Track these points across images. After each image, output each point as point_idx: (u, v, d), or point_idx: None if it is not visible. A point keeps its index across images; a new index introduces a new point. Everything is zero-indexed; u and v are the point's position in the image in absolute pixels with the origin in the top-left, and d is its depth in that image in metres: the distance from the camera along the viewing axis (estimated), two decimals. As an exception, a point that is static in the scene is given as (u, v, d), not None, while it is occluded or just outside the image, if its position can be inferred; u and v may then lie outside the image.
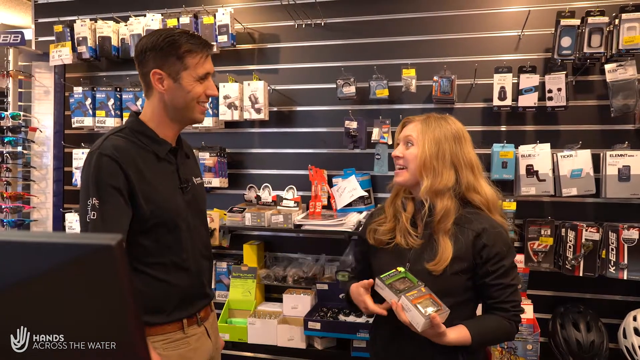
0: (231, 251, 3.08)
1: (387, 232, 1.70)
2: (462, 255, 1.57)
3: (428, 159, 1.60)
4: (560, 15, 2.44)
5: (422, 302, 1.47)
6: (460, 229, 1.59)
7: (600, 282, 2.55)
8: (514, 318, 1.59)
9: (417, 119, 1.69)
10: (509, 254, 1.59)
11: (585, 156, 2.48)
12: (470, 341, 1.53)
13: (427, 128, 1.64)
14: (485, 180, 1.68)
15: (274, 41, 3.04)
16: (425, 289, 1.52)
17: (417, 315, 1.45)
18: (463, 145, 1.64)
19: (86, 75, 3.29)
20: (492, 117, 2.71)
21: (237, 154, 3.09)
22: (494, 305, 1.60)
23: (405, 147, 1.67)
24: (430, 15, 2.80)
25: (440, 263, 1.55)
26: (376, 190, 2.89)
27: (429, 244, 1.61)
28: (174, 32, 1.64)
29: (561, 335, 2.46)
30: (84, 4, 3.31)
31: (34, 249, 0.62)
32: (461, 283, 1.59)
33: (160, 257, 1.64)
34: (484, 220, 1.60)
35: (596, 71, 2.58)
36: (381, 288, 1.55)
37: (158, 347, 1.62)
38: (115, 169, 1.54)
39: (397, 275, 1.57)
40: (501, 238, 1.59)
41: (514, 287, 1.60)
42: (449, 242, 1.57)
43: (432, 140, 1.62)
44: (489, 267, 1.57)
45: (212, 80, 1.71)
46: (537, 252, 2.57)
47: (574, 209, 2.60)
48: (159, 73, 1.62)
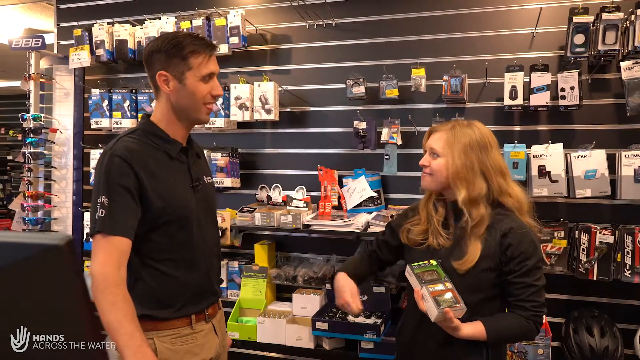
0: (243, 251, 3.11)
1: (421, 233, 1.78)
2: (490, 254, 1.63)
3: (460, 170, 1.66)
4: (573, 12, 2.38)
5: (441, 295, 1.57)
6: (489, 230, 1.65)
7: (617, 287, 2.47)
8: (533, 318, 1.61)
9: (443, 128, 1.75)
10: (534, 255, 1.63)
11: (599, 156, 2.41)
12: (486, 337, 1.59)
13: (453, 139, 1.69)
14: (515, 183, 1.75)
15: (286, 42, 3.05)
16: (450, 285, 1.60)
17: (432, 306, 1.55)
18: (489, 152, 1.69)
19: (104, 78, 3.38)
20: (504, 117, 2.66)
21: (250, 154, 3.12)
22: (514, 303, 1.63)
23: (431, 157, 1.74)
24: (445, 13, 2.76)
25: (465, 263, 1.62)
26: (387, 191, 2.88)
27: (459, 244, 1.68)
28: (178, 35, 1.70)
29: (574, 340, 2.39)
30: (103, 9, 3.40)
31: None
32: (489, 279, 1.65)
33: (171, 253, 1.68)
34: (512, 221, 1.65)
35: (613, 69, 2.51)
36: (409, 275, 1.66)
37: (166, 342, 1.67)
38: (125, 169, 1.58)
39: (427, 267, 1.66)
40: (527, 238, 1.63)
41: (537, 287, 1.62)
42: (479, 245, 1.63)
43: (461, 152, 1.67)
44: (512, 265, 1.62)
45: (217, 81, 1.75)
46: (551, 255, 2.51)
47: (589, 211, 2.53)
48: (164, 75, 1.67)
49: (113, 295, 1.48)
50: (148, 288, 1.67)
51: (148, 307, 1.65)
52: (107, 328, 1.46)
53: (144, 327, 1.65)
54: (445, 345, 1.67)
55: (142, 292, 1.66)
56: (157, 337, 1.66)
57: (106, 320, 1.46)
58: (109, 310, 1.47)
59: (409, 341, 1.80)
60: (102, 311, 1.47)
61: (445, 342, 1.65)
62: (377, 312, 2.69)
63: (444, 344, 1.67)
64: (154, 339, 1.65)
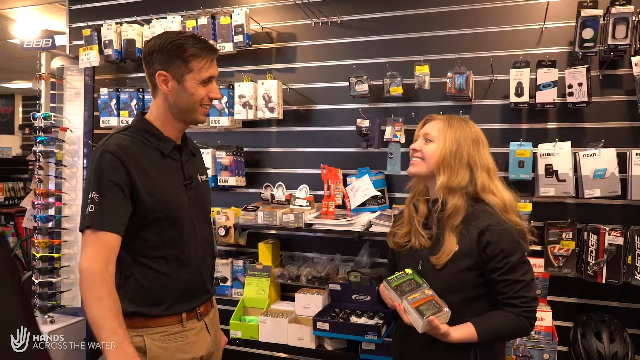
0: (248, 249, 3.10)
1: (404, 235, 1.78)
2: (468, 252, 1.61)
3: (447, 156, 1.67)
4: (582, 6, 2.30)
5: (423, 304, 1.54)
6: (467, 226, 1.63)
7: (628, 290, 2.39)
8: (524, 314, 1.59)
9: (440, 117, 1.76)
10: (516, 251, 1.60)
11: (609, 155, 2.33)
12: (477, 337, 1.57)
13: (448, 127, 1.71)
14: (501, 183, 1.72)
15: (291, 40, 3.03)
16: (429, 291, 1.60)
17: (416, 317, 1.53)
18: (480, 148, 1.71)
19: (114, 77, 3.41)
20: (512, 114, 2.59)
21: (255, 152, 3.11)
22: (503, 301, 1.61)
23: (424, 142, 1.73)
24: (451, 9, 2.71)
25: (442, 257, 1.61)
26: (391, 190, 2.83)
27: (438, 241, 1.67)
28: (181, 36, 1.69)
29: (581, 345, 2.32)
30: (113, 9, 3.44)
31: None
32: (469, 279, 1.62)
33: (162, 250, 1.69)
34: (490, 217, 1.62)
35: (625, 64, 2.42)
36: (388, 290, 1.65)
37: (156, 339, 1.67)
38: (116, 165, 1.59)
39: (403, 277, 1.65)
40: (506, 234, 1.60)
41: (524, 282, 1.59)
42: (454, 237, 1.62)
43: (453, 139, 1.68)
44: (494, 263, 1.59)
45: (215, 84, 1.76)
46: (558, 257, 2.44)
47: (598, 212, 2.45)
48: (164, 75, 1.67)
49: (99, 291, 1.49)
50: (139, 285, 1.67)
51: (139, 304, 1.66)
52: (91, 323, 1.47)
53: (135, 324, 1.65)
54: (430, 348, 1.65)
55: (133, 289, 1.67)
56: (147, 334, 1.66)
57: (90, 315, 1.47)
58: (94, 305, 1.47)
59: (400, 343, 1.80)
60: (87, 306, 1.48)
61: (431, 345, 1.64)
62: (380, 313, 2.65)
63: (430, 347, 1.65)
64: (144, 336, 1.66)
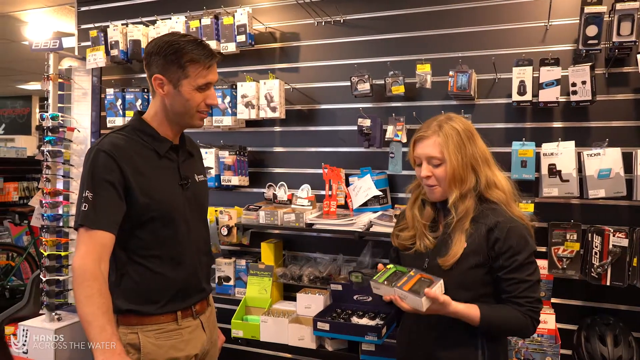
0: (251, 249, 3.10)
1: (409, 238, 1.75)
2: (477, 249, 1.58)
3: (457, 169, 1.60)
4: (585, 3, 2.26)
5: (414, 285, 1.53)
6: (476, 224, 1.60)
7: (634, 293, 2.33)
8: (528, 313, 1.57)
9: (431, 133, 1.64)
10: (524, 249, 1.57)
11: (614, 155, 2.27)
12: (479, 319, 1.54)
13: (446, 140, 1.61)
14: (497, 169, 1.69)
15: (294, 39, 3.03)
16: (414, 272, 1.58)
17: (414, 299, 1.49)
18: (476, 141, 1.65)
19: (120, 78, 3.45)
20: (516, 113, 2.56)
21: (258, 152, 3.12)
22: (508, 299, 1.59)
23: (432, 167, 1.64)
24: (454, 7, 2.68)
25: (449, 258, 1.58)
26: (393, 190, 2.81)
27: (445, 242, 1.63)
28: (181, 40, 1.68)
29: (585, 348, 2.27)
30: (120, 10, 3.47)
31: None
32: (478, 277, 1.60)
33: (157, 250, 1.70)
34: (498, 215, 1.60)
35: (631, 62, 2.36)
36: (377, 288, 1.60)
37: (150, 337, 1.69)
38: (110, 164, 1.61)
39: (386, 272, 1.62)
40: (515, 232, 1.57)
41: (530, 282, 1.57)
42: (463, 239, 1.59)
43: (455, 150, 1.61)
44: (502, 261, 1.57)
45: (213, 90, 1.76)
46: (562, 258, 2.39)
47: (603, 212, 2.40)
48: (160, 78, 1.68)
49: (90, 289, 1.50)
50: (134, 283, 1.68)
51: (134, 302, 1.68)
52: (81, 320, 1.49)
53: (130, 321, 1.67)
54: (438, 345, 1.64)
55: (128, 287, 1.68)
56: (142, 331, 1.68)
57: (81, 312, 1.49)
58: (84, 302, 1.49)
59: (406, 341, 1.77)
60: (78, 303, 1.50)
61: (439, 342, 1.63)
62: (381, 314, 2.63)
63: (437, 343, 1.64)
64: (139, 333, 1.67)
